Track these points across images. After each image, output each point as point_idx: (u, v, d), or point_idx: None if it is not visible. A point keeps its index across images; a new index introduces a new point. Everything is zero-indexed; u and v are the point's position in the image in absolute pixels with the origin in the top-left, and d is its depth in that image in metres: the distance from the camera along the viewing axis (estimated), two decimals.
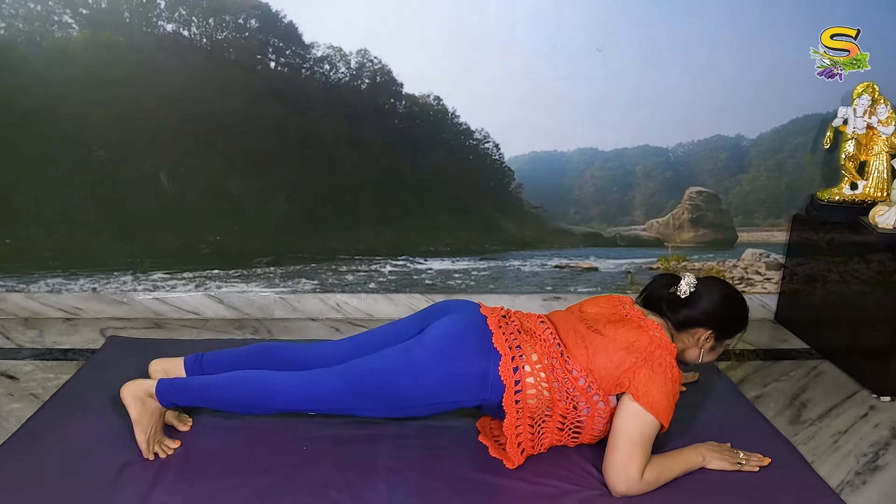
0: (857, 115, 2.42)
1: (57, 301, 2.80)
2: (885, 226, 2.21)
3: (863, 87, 2.46)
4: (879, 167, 2.43)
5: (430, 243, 3.04)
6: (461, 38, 2.75)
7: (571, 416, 1.56)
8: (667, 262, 3.08)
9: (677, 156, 3.01)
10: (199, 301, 2.89)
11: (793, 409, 2.05)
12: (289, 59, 2.75)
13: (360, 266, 3.02)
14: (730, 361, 2.43)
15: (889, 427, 1.93)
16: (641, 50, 2.79)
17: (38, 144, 2.75)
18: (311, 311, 2.89)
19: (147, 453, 1.57)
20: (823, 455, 1.79)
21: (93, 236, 2.90)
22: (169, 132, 2.78)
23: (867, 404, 2.07)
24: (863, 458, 1.77)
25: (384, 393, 1.55)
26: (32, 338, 2.50)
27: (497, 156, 2.92)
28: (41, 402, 1.91)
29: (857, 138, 2.47)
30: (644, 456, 1.48)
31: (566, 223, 3.06)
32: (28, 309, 2.82)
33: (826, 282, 2.43)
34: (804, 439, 1.87)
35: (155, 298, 2.85)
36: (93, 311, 2.81)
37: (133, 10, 2.65)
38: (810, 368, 2.32)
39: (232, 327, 2.75)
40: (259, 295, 2.84)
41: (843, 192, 2.53)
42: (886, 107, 2.43)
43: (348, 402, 1.57)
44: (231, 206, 2.92)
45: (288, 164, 2.87)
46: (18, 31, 2.63)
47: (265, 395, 1.57)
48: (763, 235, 3.07)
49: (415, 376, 1.52)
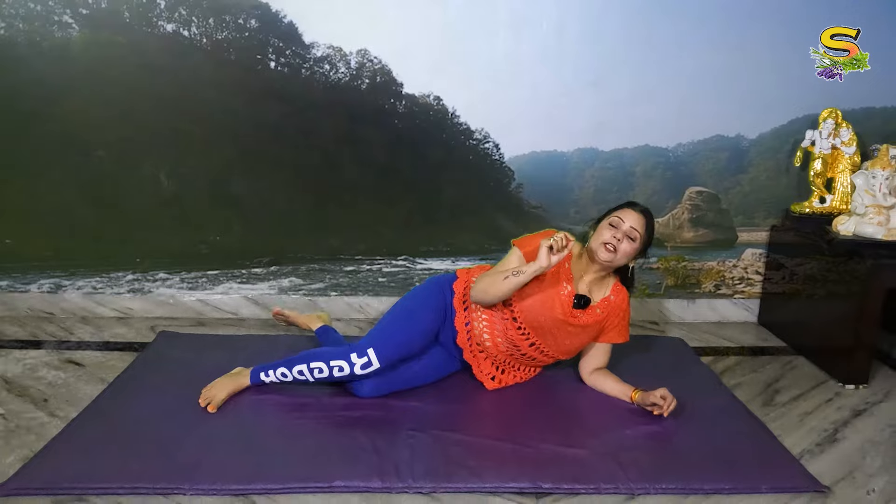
0: (823, 136, 2.69)
1: (111, 301, 2.94)
2: (846, 233, 2.45)
3: (827, 112, 2.71)
4: (844, 183, 2.69)
5: (430, 243, 3.04)
6: (461, 37, 2.75)
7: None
8: (667, 262, 3.08)
9: (677, 156, 3.01)
10: (237, 302, 2.98)
11: (766, 394, 2.27)
12: (289, 59, 2.75)
13: (360, 266, 3.02)
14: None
15: (850, 409, 2.16)
16: (642, 50, 2.79)
17: (38, 144, 2.75)
18: (338, 311, 2.97)
19: (209, 402, 1.97)
20: (789, 430, 2.01)
21: (93, 236, 2.90)
22: (169, 132, 2.78)
23: (833, 391, 2.29)
24: (823, 433, 2.00)
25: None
26: (92, 332, 2.74)
27: (497, 156, 2.92)
28: (104, 382, 2.20)
29: (823, 158, 2.73)
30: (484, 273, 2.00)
31: (566, 223, 3.06)
32: (85, 308, 2.94)
33: (800, 286, 2.66)
34: (774, 418, 2.08)
35: (198, 300, 2.97)
36: (142, 311, 2.95)
37: (133, 10, 2.65)
38: (786, 362, 2.54)
39: (267, 325, 2.87)
40: (291, 296, 2.97)
41: (813, 206, 2.77)
42: (848, 130, 2.69)
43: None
44: (231, 206, 2.92)
45: (288, 164, 2.87)
46: (18, 31, 2.63)
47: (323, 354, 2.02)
48: (763, 235, 3.07)
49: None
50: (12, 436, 1.85)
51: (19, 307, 2.91)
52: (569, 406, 2.10)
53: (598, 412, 2.05)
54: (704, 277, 3.08)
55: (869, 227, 2.39)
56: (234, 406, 2.02)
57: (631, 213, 1.97)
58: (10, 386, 2.19)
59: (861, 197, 2.44)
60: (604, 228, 1.97)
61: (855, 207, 2.46)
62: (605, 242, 1.94)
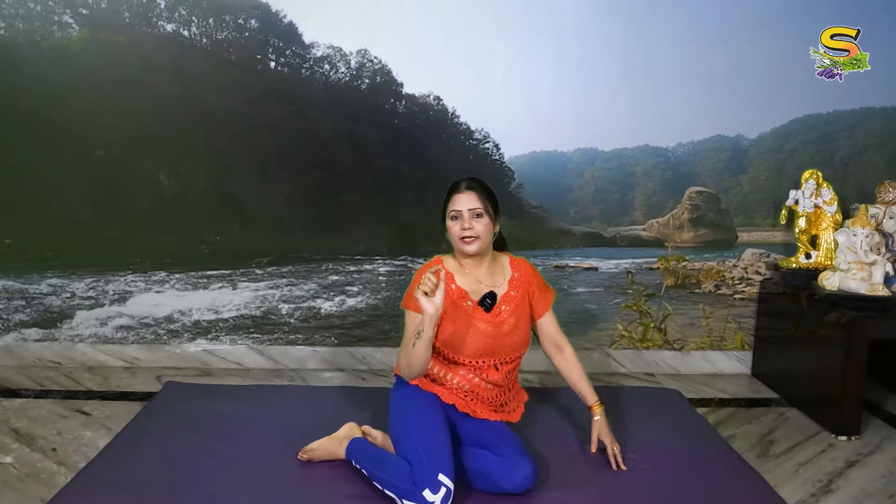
0: (806, 196, 2.81)
1: (119, 352, 2.96)
2: (830, 288, 2.56)
3: (809, 173, 2.79)
4: (827, 240, 2.80)
5: (430, 243, 3.04)
6: (461, 37, 2.75)
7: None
8: (667, 262, 3.08)
9: (677, 156, 3.01)
10: (242, 352, 2.98)
11: (761, 445, 2.29)
12: (289, 59, 2.75)
13: (360, 266, 3.02)
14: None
15: (844, 460, 2.19)
16: (642, 50, 2.79)
17: (38, 144, 2.75)
18: (340, 363, 2.99)
19: (307, 455, 2.00)
20: (785, 481, 2.02)
21: (93, 236, 2.90)
22: (169, 132, 2.78)
23: (826, 442, 2.32)
24: (818, 483, 2.02)
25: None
26: (99, 382, 2.77)
27: (497, 156, 2.92)
28: (111, 432, 2.22)
29: (807, 216, 2.83)
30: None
31: (566, 223, 3.06)
32: (93, 359, 2.95)
33: (790, 339, 2.73)
34: (769, 469, 2.10)
35: (203, 350, 2.97)
36: (148, 361, 2.96)
37: (133, 10, 2.65)
38: (779, 414, 2.58)
39: (271, 376, 2.88)
40: (295, 348, 2.99)
41: (799, 261, 2.86)
42: (829, 189, 2.78)
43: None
44: (231, 206, 2.92)
45: (288, 164, 2.88)
46: (18, 31, 2.63)
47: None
48: (763, 235, 3.07)
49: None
50: (23, 485, 1.89)
51: (26, 357, 2.93)
52: (568, 454, 2.07)
53: (595, 461, 2.01)
54: (704, 277, 3.08)
55: (852, 282, 2.50)
56: (247, 454, 2.02)
57: (460, 197, 1.88)
58: (19, 436, 2.22)
59: (844, 254, 2.54)
60: (450, 226, 1.89)
61: (839, 263, 2.56)
62: (461, 237, 1.87)
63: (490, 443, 1.88)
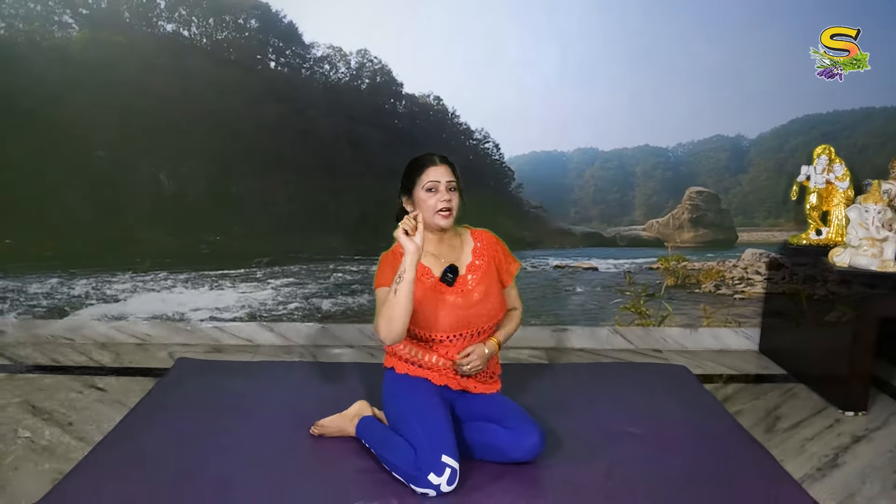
0: (818, 172, 2.80)
1: (130, 328, 2.97)
2: (841, 264, 2.54)
3: (821, 148, 2.79)
4: (838, 216, 2.80)
5: None
6: (461, 37, 2.75)
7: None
8: (667, 262, 3.08)
9: (677, 156, 3.01)
10: (252, 329, 2.99)
11: (768, 421, 2.30)
12: (289, 59, 2.76)
13: (360, 266, 3.02)
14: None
15: (850, 435, 2.19)
16: (642, 50, 2.79)
17: (38, 144, 2.75)
18: (349, 339, 2.99)
19: (319, 430, 2.04)
20: (791, 455, 2.04)
21: (93, 236, 2.90)
22: (169, 132, 2.78)
23: (833, 418, 2.33)
24: (824, 459, 2.03)
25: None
26: (112, 359, 2.79)
27: (497, 156, 2.92)
28: (126, 407, 2.26)
29: (818, 192, 2.83)
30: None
31: (566, 223, 3.06)
32: (105, 335, 2.96)
33: (798, 315, 2.71)
34: (776, 444, 2.11)
35: (214, 327, 2.98)
36: (160, 337, 2.97)
37: (133, 10, 2.65)
38: (786, 390, 2.58)
39: (281, 352, 2.89)
40: (304, 324, 2.99)
41: (809, 238, 2.86)
42: (841, 165, 2.77)
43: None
44: (231, 206, 2.92)
45: (288, 164, 2.88)
46: (18, 31, 2.63)
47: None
48: (763, 235, 3.07)
49: None
50: (40, 458, 1.93)
51: (40, 334, 2.94)
52: (576, 430, 2.09)
53: (603, 437, 2.05)
54: (704, 277, 3.08)
55: (863, 258, 2.47)
56: (258, 430, 2.06)
57: (436, 169, 1.88)
58: (35, 409, 2.24)
59: (855, 230, 2.52)
60: (425, 198, 1.87)
61: (850, 240, 2.54)
62: (440, 210, 1.86)
63: (495, 416, 1.89)
